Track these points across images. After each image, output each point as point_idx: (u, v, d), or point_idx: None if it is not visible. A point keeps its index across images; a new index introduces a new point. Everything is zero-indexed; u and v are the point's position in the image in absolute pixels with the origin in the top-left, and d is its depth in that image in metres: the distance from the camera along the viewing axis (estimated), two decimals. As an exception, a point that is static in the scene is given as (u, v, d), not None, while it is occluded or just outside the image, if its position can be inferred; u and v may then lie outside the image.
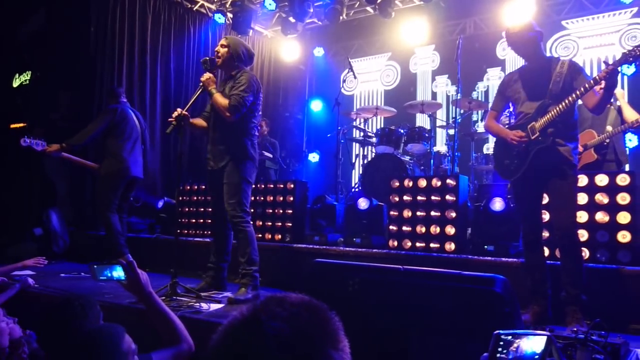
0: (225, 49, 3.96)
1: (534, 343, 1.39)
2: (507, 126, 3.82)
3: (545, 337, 1.39)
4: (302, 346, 0.87)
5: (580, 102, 3.21)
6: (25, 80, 7.52)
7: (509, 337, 1.40)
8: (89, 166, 5.34)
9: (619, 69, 2.98)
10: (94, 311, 2.32)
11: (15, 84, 7.60)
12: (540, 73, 3.30)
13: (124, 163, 5.13)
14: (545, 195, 3.42)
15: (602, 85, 3.08)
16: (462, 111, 6.60)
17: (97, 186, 5.23)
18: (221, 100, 3.81)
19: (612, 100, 4.59)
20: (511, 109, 3.71)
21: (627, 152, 5.21)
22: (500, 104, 3.59)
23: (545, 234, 3.70)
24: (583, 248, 3.47)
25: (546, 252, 3.48)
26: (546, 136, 3.17)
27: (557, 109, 3.13)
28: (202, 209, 6.01)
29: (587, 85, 3.06)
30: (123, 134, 5.19)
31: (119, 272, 2.22)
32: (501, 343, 1.40)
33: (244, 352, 0.87)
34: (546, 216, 3.67)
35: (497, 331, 1.41)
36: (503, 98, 3.55)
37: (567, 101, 3.10)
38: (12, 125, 7.21)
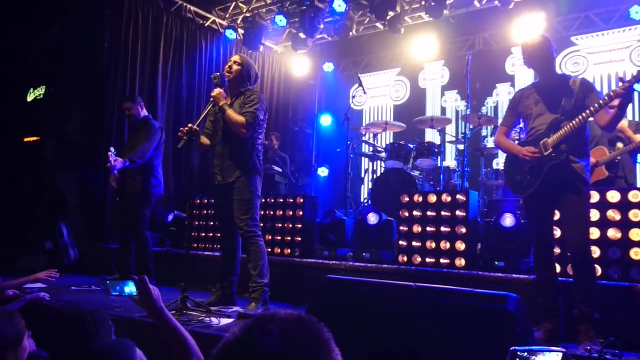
0: (239, 67, 4.03)
1: None
2: (517, 142, 3.81)
3: (560, 354, 1.39)
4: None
5: (591, 119, 3.21)
6: (40, 95, 7.63)
7: (525, 354, 1.40)
8: (112, 179, 5.23)
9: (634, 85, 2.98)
10: (105, 326, 2.32)
11: (30, 98, 7.71)
12: (554, 89, 3.30)
13: (161, 183, 5.15)
14: (556, 211, 3.40)
15: (616, 102, 3.07)
16: (471, 126, 6.60)
17: (134, 203, 5.00)
18: (236, 116, 3.86)
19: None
20: (522, 125, 3.69)
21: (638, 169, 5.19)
22: (510, 119, 3.58)
23: (557, 250, 3.68)
24: (595, 265, 3.44)
25: (557, 268, 3.45)
26: (559, 152, 3.16)
27: (570, 125, 3.12)
28: (212, 223, 6.02)
29: (601, 102, 3.06)
30: (161, 154, 5.19)
31: (130, 288, 2.22)
32: (517, 359, 1.40)
33: None
34: (557, 232, 3.64)
35: (513, 347, 1.42)
36: (514, 114, 3.54)
37: (580, 118, 3.10)
38: (26, 139, 7.31)
